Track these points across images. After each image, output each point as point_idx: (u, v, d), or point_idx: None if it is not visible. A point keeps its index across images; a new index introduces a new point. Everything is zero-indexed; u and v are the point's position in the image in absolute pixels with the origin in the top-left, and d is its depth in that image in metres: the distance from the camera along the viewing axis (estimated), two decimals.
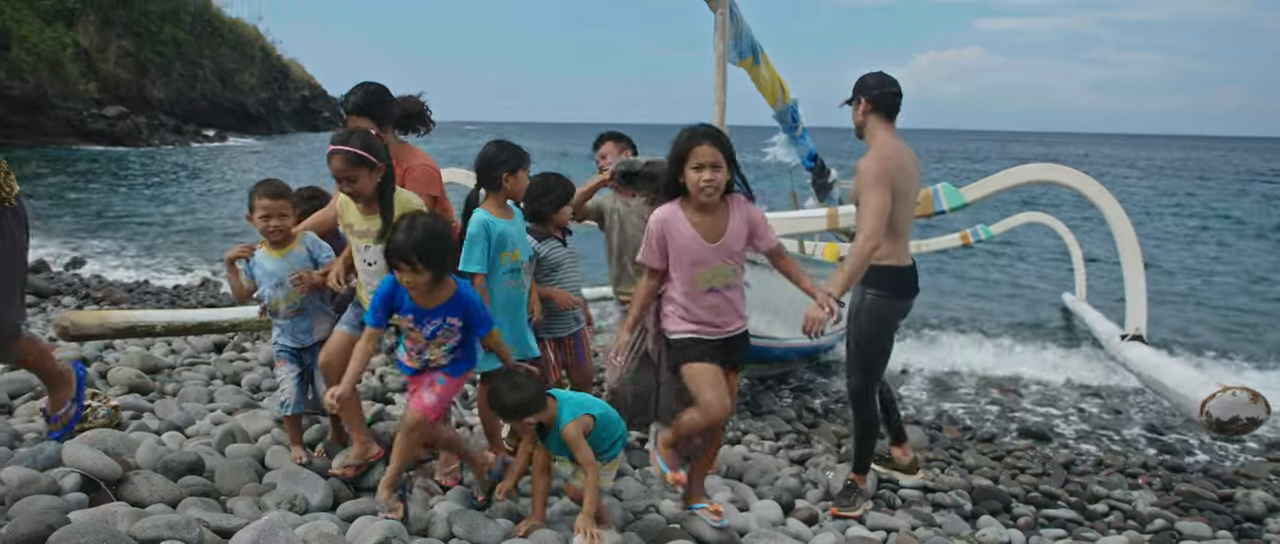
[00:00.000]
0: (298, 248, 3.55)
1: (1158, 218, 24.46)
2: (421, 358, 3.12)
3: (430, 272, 2.91)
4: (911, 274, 4.02)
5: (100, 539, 2.36)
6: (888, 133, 3.93)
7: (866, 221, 3.73)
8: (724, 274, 3.13)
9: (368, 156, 3.20)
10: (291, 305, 3.56)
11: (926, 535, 3.87)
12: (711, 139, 2.98)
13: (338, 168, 3.22)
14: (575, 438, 2.99)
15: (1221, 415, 3.97)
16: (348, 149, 3.20)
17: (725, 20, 5.74)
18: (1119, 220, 5.44)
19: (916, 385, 7.76)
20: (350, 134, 3.25)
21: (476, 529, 2.94)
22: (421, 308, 3.02)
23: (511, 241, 3.53)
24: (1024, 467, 5.31)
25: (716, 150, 2.98)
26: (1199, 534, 4.23)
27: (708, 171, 2.97)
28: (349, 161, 3.19)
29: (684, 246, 3.09)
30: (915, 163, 4.02)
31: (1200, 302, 12.77)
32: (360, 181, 3.22)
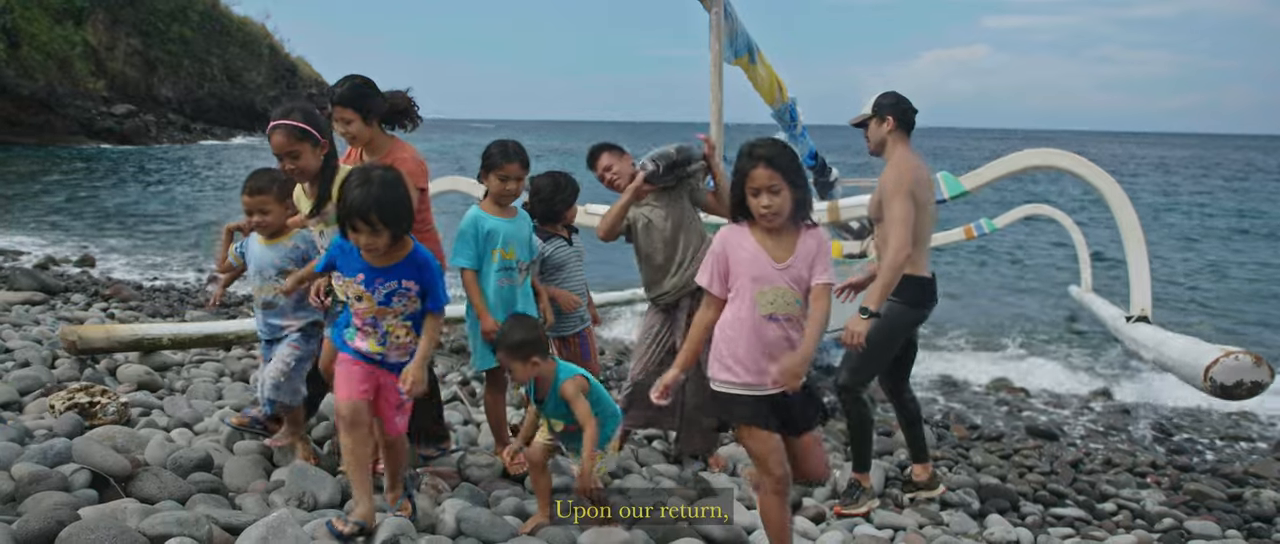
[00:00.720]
0: (289, 242, 3.39)
1: (1164, 222, 24.34)
2: (378, 330, 2.79)
3: (390, 230, 2.64)
4: (931, 285, 4.09)
5: (110, 535, 2.37)
6: (906, 147, 4.08)
7: (895, 232, 3.82)
8: (787, 300, 2.76)
9: (311, 131, 3.04)
10: (266, 297, 3.42)
11: (934, 534, 3.87)
12: (766, 161, 2.70)
13: (279, 144, 3.05)
14: (573, 394, 2.96)
15: (1225, 380, 3.99)
16: (290, 123, 3.03)
17: (719, 20, 5.73)
18: (1120, 203, 5.43)
19: (923, 385, 7.74)
20: (292, 107, 3.10)
21: (484, 527, 2.95)
22: (374, 266, 2.73)
23: (503, 239, 3.52)
24: (1032, 465, 5.30)
25: (774, 173, 2.69)
26: (1208, 533, 4.21)
27: (765, 197, 2.70)
28: (291, 136, 3.03)
29: (745, 261, 2.78)
30: (929, 177, 4.15)
31: (1204, 303, 12.71)
32: (304, 157, 3.06)
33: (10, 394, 3.99)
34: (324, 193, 3.11)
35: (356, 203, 2.59)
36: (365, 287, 2.73)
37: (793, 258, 2.78)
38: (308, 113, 3.07)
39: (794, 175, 2.74)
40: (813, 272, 2.77)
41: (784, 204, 2.71)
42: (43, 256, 12.39)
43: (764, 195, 2.71)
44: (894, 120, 4.09)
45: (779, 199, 2.70)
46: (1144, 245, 5.41)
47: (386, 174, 2.68)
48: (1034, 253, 17.06)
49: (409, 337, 2.82)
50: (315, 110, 3.11)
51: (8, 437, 3.17)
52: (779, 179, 2.69)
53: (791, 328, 2.78)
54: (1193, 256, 16.98)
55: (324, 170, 3.12)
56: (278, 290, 3.34)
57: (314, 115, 3.09)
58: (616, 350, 7.70)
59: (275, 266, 3.37)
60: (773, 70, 7.59)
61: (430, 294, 2.80)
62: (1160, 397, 7.44)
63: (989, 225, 11.09)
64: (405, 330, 2.82)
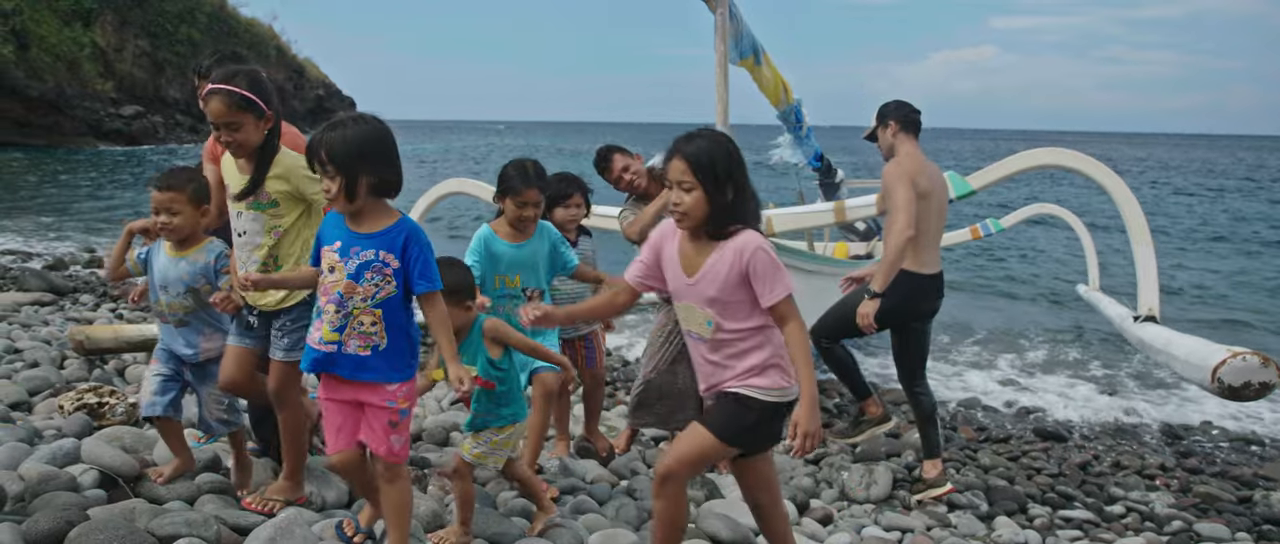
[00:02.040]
0: (200, 255, 2.94)
1: (1169, 226, 24.26)
2: (343, 310, 2.38)
3: (342, 177, 2.30)
4: (930, 283, 4.19)
5: (119, 536, 2.37)
6: (913, 146, 4.25)
7: (897, 216, 4.00)
8: (697, 319, 2.49)
9: (256, 100, 2.67)
10: (175, 315, 2.97)
11: (942, 536, 3.86)
12: (685, 156, 2.39)
13: (217, 111, 2.64)
14: (495, 326, 2.81)
15: (1233, 381, 3.99)
16: (232, 89, 2.63)
17: (724, 21, 5.74)
18: (1126, 201, 5.42)
19: (932, 386, 7.71)
20: (236, 71, 2.69)
21: (492, 527, 2.95)
22: (353, 232, 2.40)
23: (507, 265, 3.35)
24: (1040, 467, 5.28)
25: (689, 168, 2.37)
26: (1218, 536, 4.20)
27: (676, 193, 2.40)
28: (232, 104, 2.64)
29: (670, 266, 2.55)
30: (939, 178, 4.31)
31: (1209, 305, 12.66)
32: (245, 130, 2.67)
33: (19, 395, 4.00)
34: (260, 173, 2.72)
35: (315, 138, 2.36)
36: (340, 255, 2.40)
37: (700, 275, 2.46)
38: (253, 78, 2.69)
39: (716, 178, 2.37)
40: (725, 292, 2.41)
41: (694, 207, 2.38)
42: (52, 258, 12.44)
43: (675, 191, 2.42)
44: (897, 124, 4.28)
45: (688, 199, 2.38)
46: (1151, 244, 5.39)
47: (362, 121, 2.40)
48: (1042, 253, 17.02)
49: (376, 328, 2.41)
50: (262, 76, 2.74)
51: (17, 437, 3.18)
52: (691, 177, 2.37)
53: (708, 351, 2.49)
54: (1199, 264, 16.91)
55: (264, 147, 2.73)
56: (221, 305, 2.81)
57: (260, 82, 2.71)
58: (619, 358, 7.69)
59: (183, 282, 2.93)
60: (778, 72, 7.59)
61: (417, 273, 2.39)
62: (1169, 398, 7.41)
63: (995, 226, 11.05)
64: (371, 319, 2.40)
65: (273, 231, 2.80)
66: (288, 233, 2.82)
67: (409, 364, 2.47)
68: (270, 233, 2.80)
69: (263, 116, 2.68)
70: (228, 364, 2.89)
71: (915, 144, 4.25)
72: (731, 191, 2.39)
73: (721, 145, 2.42)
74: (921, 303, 4.23)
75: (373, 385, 2.42)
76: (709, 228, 2.41)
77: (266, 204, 2.77)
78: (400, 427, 2.46)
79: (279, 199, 2.78)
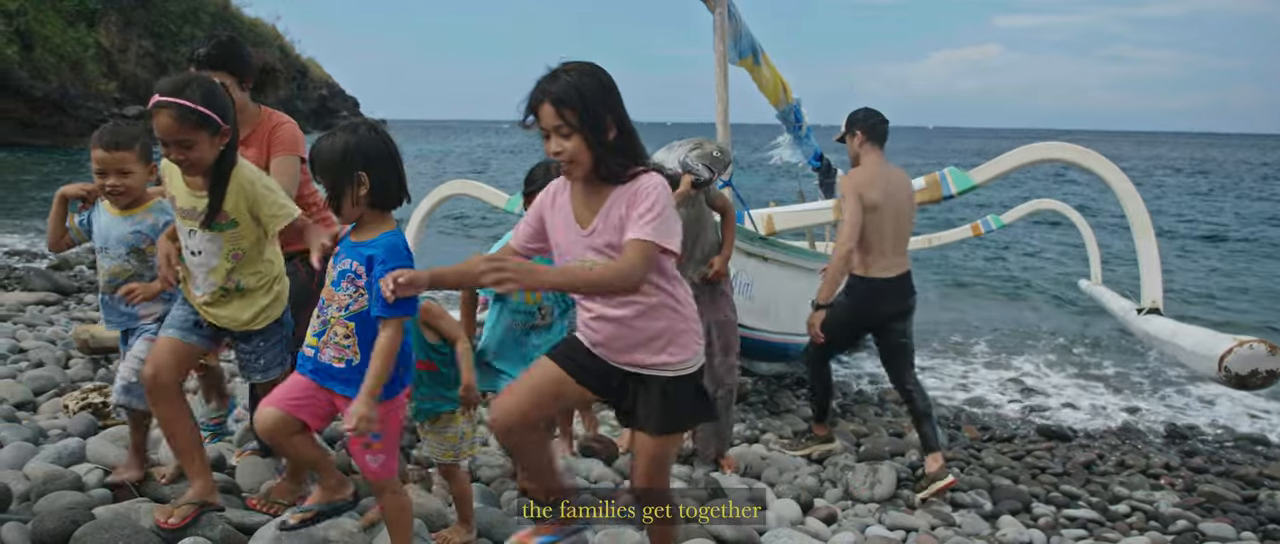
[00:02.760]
0: (146, 215, 2.78)
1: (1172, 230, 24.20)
2: (322, 318, 2.35)
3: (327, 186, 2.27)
4: (886, 286, 4.38)
5: (124, 535, 2.38)
6: (875, 157, 4.41)
7: (841, 231, 4.24)
8: None
9: (211, 115, 2.38)
10: (113, 280, 2.76)
11: (946, 535, 3.85)
12: (549, 98, 2.12)
13: (166, 128, 2.36)
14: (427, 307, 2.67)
15: (1240, 370, 4.00)
16: (183, 103, 2.34)
17: (723, 20, 5.74)
18: (1128, 195, 5.43)
19: (935, 385, 7.71)
20: (187, 81, 2.40)
21: (495, 526, 2.95)
22: (347, 238, 2.35)
23: None
24: (1044, 467, 5.27)
25: (558, 113, 2.11)
26: (1223, 535, 4.18)
27: (554, 141, 2.15)
28: (185, 120, 2.35)
29: (559, 224, 2.30)
30: (901, 182, 4.48)
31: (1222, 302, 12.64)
32: (198, 149, 2.39)
33: (25, 394, 4.01)
34: (217, 196, 2.47)
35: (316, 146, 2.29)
36: (334, 259, 2.34)
37: (597, 220, 2.20)
38: (208, 91, 2.41)
39: (593, 116, 2.12)
40: (625, 230, 2.15)
41: (578, 153, 2.14)
42: (56, 258, 12.45)
43: (553, 139, 2.16)
44: (863, 133, 4.43)
45: (570, 146, 2.13)
46: (1154, 237, 5.40)
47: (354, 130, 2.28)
48: (1044, 250, 16.99)
49: (349, 342, 2.30)
50: (217, 88, 2.46)
51: (22, 437, 3.19)
52: (565, 120, 2.11)
53: (613, 307, 2.22)
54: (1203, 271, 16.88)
55: (219, 164, 2.46)
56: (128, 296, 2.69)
57: (215, 94, 2.43)
58: None
59: (125, 244, 2.75)
60: (777, 72, 7.59)
61: (375, 293, 2.21)
62: (1173, 397, 7.40)
63: (996, 222, 11.04)
64: (345, 331, 2.30)
65: (232, 255, 2.59)
66: (248, 254, 2.61)
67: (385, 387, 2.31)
68: (229, 256, 2.59)
69: (218, 132, 2.41)
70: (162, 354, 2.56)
71: (879, 153, 4.43)
72: (614, 129, 2.15)
73: (591, 77, 2.15)
74: (880, 306, 4.42)
75: (348, 400, 2.28)
76: (601, 172, 2.17)
77: (225, 225, 2.54)
78: (375, 448, 2.35)
79: (239, 219, 2.56)
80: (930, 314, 11.17)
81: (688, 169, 3.99)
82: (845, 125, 4.51)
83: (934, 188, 5.91)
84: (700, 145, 4.14)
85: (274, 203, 2.56)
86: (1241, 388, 4.14)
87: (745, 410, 5.89)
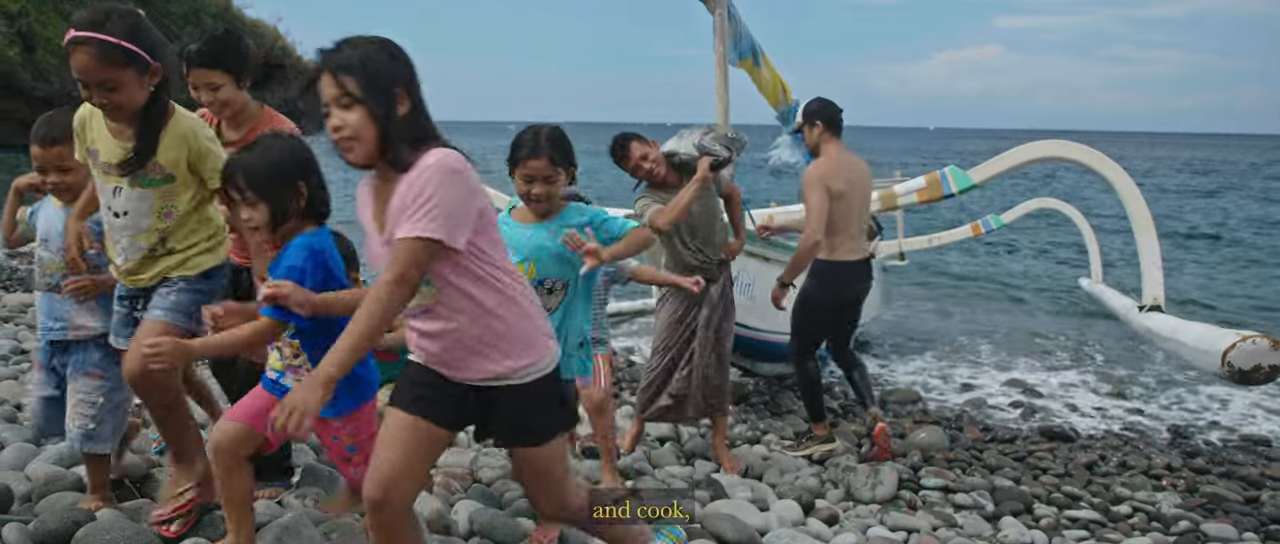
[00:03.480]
0: None
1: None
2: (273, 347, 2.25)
3: (267, 203, 2.10)
4: (852, 269, 4.68)
5: (125, 536, 2.37)
6: (835, 146, 4.63)
7: (808, 220, 4.43)
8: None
9: (138, 52, 2.10)
10: (48, 276, 2.53)
11: (948, 536, 3.85)
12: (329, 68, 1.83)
13: (85, 66, 2.07)
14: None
15: (1243, 365, 4.01)
16: (103, 38, 2.05)
17: (723, 21, 5.75)
18: (1130, 194, 5.44)
19: (937, 386, 7.71)
20: (108, 13, 2.09)
21: (497, 528, 2.95)
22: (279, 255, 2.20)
23: (523, 252, 2.83)
24: (1046, 467, 5.26)
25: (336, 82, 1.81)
26: (1225, 536, 4.18)
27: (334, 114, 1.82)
28: (106, 57, 2.07)
29: (368, 230, 1.99)
30: (862, 170, 4.75)
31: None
32: (124, 90, 2.12)
33: (26, 395, 4.01)
34: (147, 141, 2.20)
35: (231, 162, 2.13)
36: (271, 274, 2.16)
37: (388, 222, 1.88)
38: (134, 24, 2.11)
39: (381, 88, 1.81)
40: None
41: (361, 128, 1.80)
42: None
43: (333, 113, 1.83)
44: (824, 124, 4.64)
45: (352, 118, 1.80)
46: (1155, 235, 5.40)
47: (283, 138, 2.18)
48: (1045, 250, 16.99)
49: (299, 360, 2.19)
50: (144, 21, 2.16)
51: (24, 438, 3.19)
52: (346, 90, 1.80)
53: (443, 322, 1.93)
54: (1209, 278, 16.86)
55: (149, 109, 2.19)
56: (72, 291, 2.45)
57: (142, 28, 2.14)
58: (624, 358, 7.68)
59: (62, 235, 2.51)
60: (776, 73, 7.58)
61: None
62: (1175, 398, 7.39)
63: (996, 222, 11.05)
64: (292, 350, 2.19)
65: (164, 214, 2.32)
66: (183, 214, 2.34)
67: (353, 396, 2.24)
68: (161, 215, 2.31)
69: (147, 70, 2.14)
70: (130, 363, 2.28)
71: (839, 143, 4.66)
72: (406, 103, 1.85)
73: (379, 47, 1.86)
74: (851, 287, 4.77)
75: (319, 419, 2.16)
76: (388, 155, 1.84)
77: (158, 179, 2.27)
78: (355, 460, 2.30)
79: (176, 173, 2.29)
80: (932, 315, 11.19)
81: (705, 151, 4.02)
82: (803, 117, 4.72)
83: (935, 187, 5.92)
84: (712, 128, 4.20)
85: (220, 158, 2.29)
86: (1244, 383, 4.15)
87: (746, 411, 5.89)
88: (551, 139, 2.79)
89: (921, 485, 4.56)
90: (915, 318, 10.89)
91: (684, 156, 4.07)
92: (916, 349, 9.14)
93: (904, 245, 11.57)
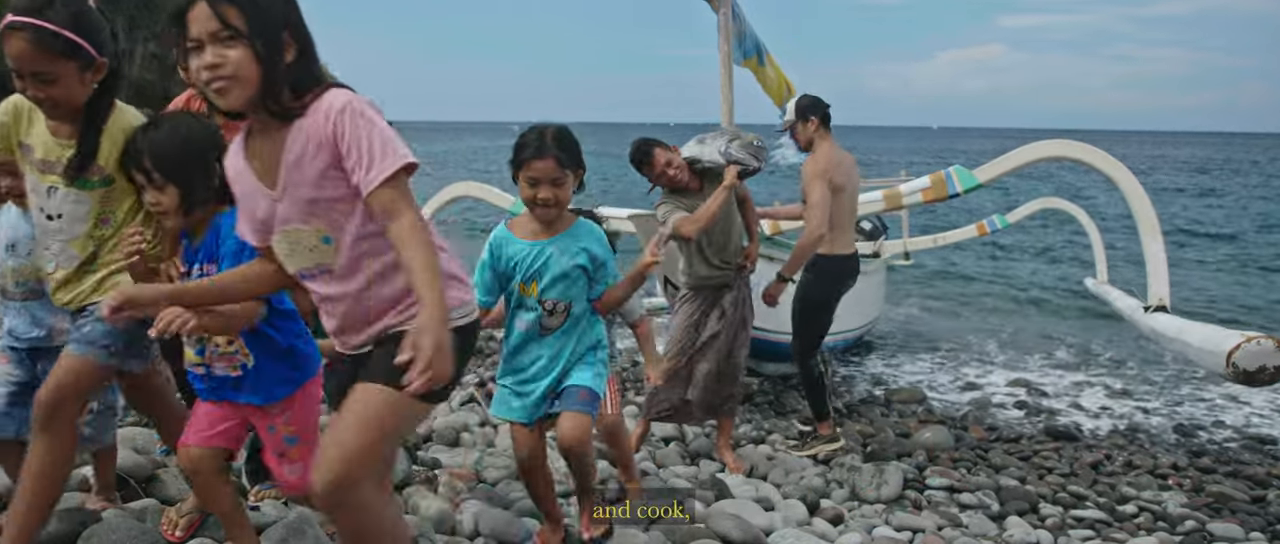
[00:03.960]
0: None
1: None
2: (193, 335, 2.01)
3: (175, 187, 1.96)
4: (847, 263, 4.79)
5: (131, 536, 2.37)
6: (829, 141, 4.75)
7: (812, 214, 4.47)
8: (304, 245, 1.74)
9: (80, 43, 1.95)
10: (22, 284, 2.37)
11: (953, 536, 3.85)
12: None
13: (22, 56, 1.91)
14: None
15: (1248, 366, 3.98)
16: (42, 25, 1.89)
17: (727, 20, 5.75)
18: (1135, 193, 5.42)
19: (942, 386, 7.70)
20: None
21: (502, 528, 2.95)
22: (189, 247, 2.08)
23: (524, 270, 2.58)
24: (1051, 467, 5.25)
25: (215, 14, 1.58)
26: (1231, 536, 4.17)
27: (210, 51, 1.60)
28: (43, 48, 1.91)
29: (246, 200, 1.80)
30: (854, 165, 4.86)
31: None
32: (62, 84, 1.96)
33: None
34: (89, 141, 2.04)
35: (135, 143, 1.98)
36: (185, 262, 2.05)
37: (282, 175, 1.70)
38: (77, 11, 1.95)
39: (263, 20, 1.61)
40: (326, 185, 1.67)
41: (241, 67, 1.60)
42: None
43: (208, 50, 1.60)
44: (818, 120, 4.76)
45: (233, 56, 1.59)
46: (1160, 235, 5.39)
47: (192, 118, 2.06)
48: (1049, 250, 16.96)
49: (233, 346, 2.05)
50: (90, 10, 2.00)
51: None
52: (224, 23, 1.58)
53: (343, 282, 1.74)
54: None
55: (91, 107, 2.03)
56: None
57: (87, 16, 1.98)
58: (629, 358, 7.68)
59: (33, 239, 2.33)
60: (781, 72, 7.58)
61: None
62: (1181, 397, 7.38)
63: (1002, 222, 11.03)
64: (225, 339, 2.05)
65: (101, 220, 2.15)
66: (120, 226, 2.17)
67: (290, 379, 2.12)
68: (98, 221, 2.15)
69: (91, 65, 1.98)
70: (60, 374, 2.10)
71: (830, 139, 4.77)
72: (293, 48, 1.66)
73: None
74: (846, 281, 4.86)
75: (255, 408, 2.11)
76: (270, 103, 1.65)
77: (96, 182, 2.11)
78: (291, 455, 2.14)
79: (115, 175, 2.12)
80: (937, 315, 11.18)
81: (733, 160, 4.03)
82: (797, 113, 4.80)
83: (939, 186, 5.90)
84: (737, 135, 4.20)
85: None
86: (1249, 384, 4.12)
87: (751, 411, 5.88)
88: (558, 138, 2.57)
89: (926, 485, 4.56)
90: (920, 318, 10.88)
91: (708, 163, 4.09)
92: (921, 348, 9.13)
93: (909, 245, 11.57)
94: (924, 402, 6.93)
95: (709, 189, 4.09)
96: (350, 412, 1.69)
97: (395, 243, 1.60)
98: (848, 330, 7.45)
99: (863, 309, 7.94)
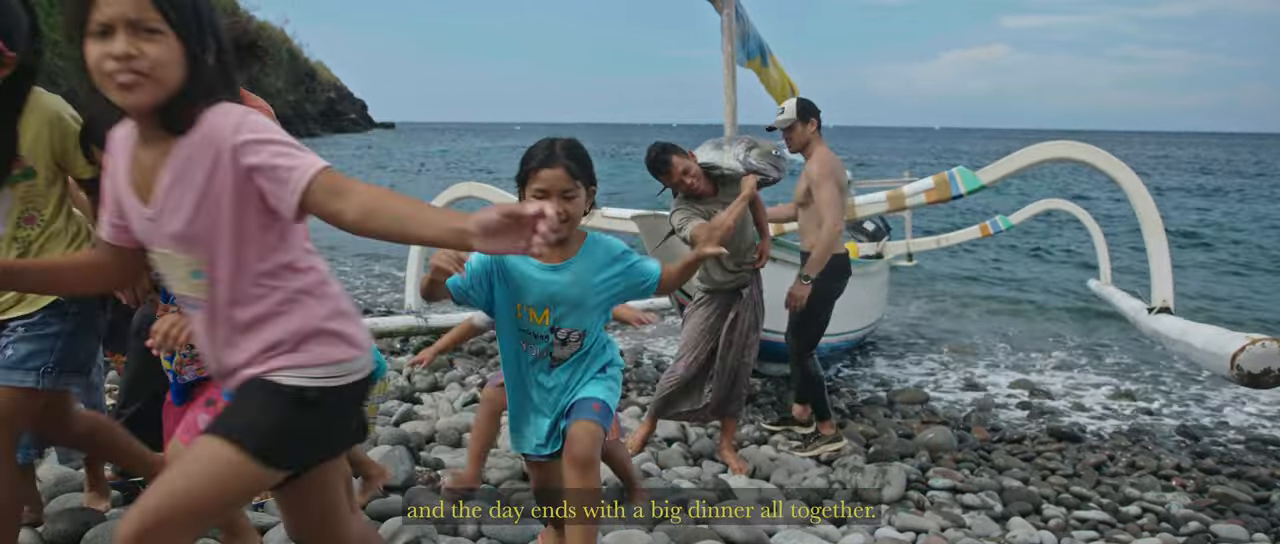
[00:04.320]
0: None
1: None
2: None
3: None
4: (842, 261, 4.86)
5: None
6: (824, 144, 4.86)
7: (829, 212, 4.57)
8: (177, 272, 1.56)
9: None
10: None
11: (956, 537, 3.84)
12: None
13: None
14: None
15: (1252, 368, 3.99)
16: None
17: (731, 21, 5.75)
18: (1139, 195, 5.42)
19: (945, 386, 7.69)
20: None
21: (505, 529, 2.95)
22: None
23: (535, 294, 2.33)
24: (1054, 468, 5.25)
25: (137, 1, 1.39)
26: (1235, 537, 4.16)
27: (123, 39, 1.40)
28: None
29: (122, 198, 1.58)
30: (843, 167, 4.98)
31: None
32: None
33: None
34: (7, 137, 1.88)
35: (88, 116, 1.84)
36: None
37: (159, 199, 1.51)
38: None
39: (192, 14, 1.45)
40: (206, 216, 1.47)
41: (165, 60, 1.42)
42: None
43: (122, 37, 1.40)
44: (816, 121, 4.85)
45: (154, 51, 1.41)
46: (1164, 236, 5.39)
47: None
48: (1052, 250, 16.93)
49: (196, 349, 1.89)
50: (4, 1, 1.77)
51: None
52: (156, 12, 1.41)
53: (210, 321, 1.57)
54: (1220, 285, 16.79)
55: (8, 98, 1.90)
56: None
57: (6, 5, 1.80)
58: (630, 358, 7.69)
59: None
60: (784, 72, 7.59)
61: None
62: (1185, 398, 7.36)
63: (1005, 223, 11.02)
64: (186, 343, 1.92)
65: (25, 219, 1.98)
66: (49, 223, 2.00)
67: None
68: (20, 221, 1.98)
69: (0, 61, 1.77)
70: None
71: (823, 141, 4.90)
72: (215, 51, 1.50)
73: None
74: (844, 279, 4.94)
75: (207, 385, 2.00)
76: (176, 106, 1.46)
77: (17, 176, 1.95)
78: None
79: (37, 167, 1.97)
80: (940, 315, 11.16)
81: (753, 169, 4.07)
82: (798, 114, 4.81)
83: (943, 187, 5.91)
84: (755, 144, 4.24)
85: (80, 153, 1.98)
86: (1253, 387, 4.11)
87: (754, 412, 5.88)
88: (568, 148, 2.34)
89: (929, 486, 4.55)
90: (923, 318, 10.87)
91: (725, 171, 4.13)
92: (924, 349, 9.12)
93: (912, 246, 11.56)
94: (927, 402, 6.92)
95: (723, 193, 4.15)
96: (186, 469, 1.47)
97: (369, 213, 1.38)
98: (851, 331, 7.45)
99: (866, 310, 7.94)
